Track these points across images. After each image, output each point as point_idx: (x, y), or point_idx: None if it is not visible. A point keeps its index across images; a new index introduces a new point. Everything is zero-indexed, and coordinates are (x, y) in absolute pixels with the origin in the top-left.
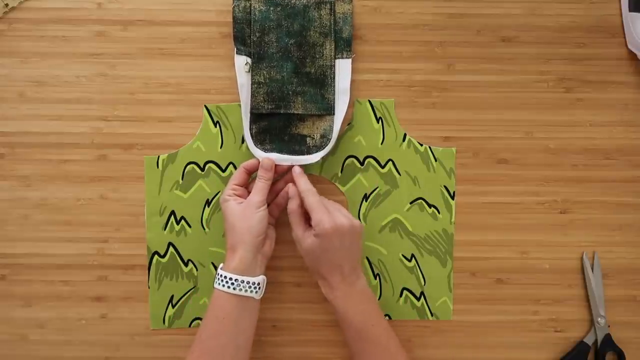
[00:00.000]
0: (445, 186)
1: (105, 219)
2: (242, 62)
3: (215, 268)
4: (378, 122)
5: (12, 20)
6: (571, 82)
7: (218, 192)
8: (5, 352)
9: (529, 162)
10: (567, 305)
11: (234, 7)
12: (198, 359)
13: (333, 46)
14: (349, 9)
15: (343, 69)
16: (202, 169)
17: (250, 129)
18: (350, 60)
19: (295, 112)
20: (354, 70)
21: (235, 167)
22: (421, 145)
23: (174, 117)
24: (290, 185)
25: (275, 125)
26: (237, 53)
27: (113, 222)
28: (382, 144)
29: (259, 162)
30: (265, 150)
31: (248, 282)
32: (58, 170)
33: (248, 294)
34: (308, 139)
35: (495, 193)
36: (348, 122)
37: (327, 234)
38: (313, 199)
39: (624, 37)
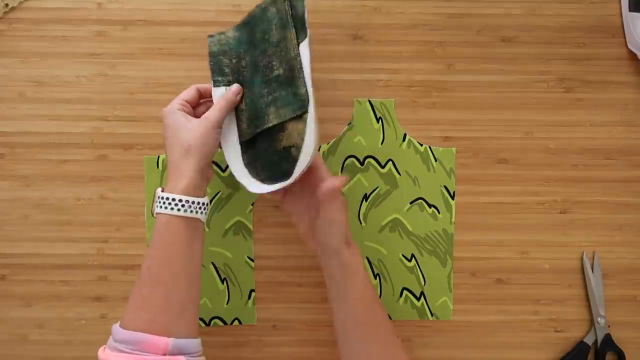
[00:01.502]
0: (445, 186)
1: (105, 219)
2: (219, 94)
3: (216, 268)
4: (378, 122)
5: (12, 20)
6: (571, 82)
7: (218, 192)
8: (5, 352)
9: (529, 162)
10: (567, 305)
11: (210, 43)
12: (151, 294)
13: (294, 32)
14: None
15: (304, 53)
16: None
17: (243, 160)
18: (307, 39)
19: (270, 124)
20: (353, 70)
21: None
22: (421, 145)
23: None
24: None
25: (262, 147)
26: (214, 85)
27: (113, 222)
28: (382, 144)
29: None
30: (262, 181)
31: (197, 203)
32: (58, 170)
33: (197, 215)
34: (292, 149)
35: (495, 193)
36: (348, 122)
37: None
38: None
39: (624, 37)
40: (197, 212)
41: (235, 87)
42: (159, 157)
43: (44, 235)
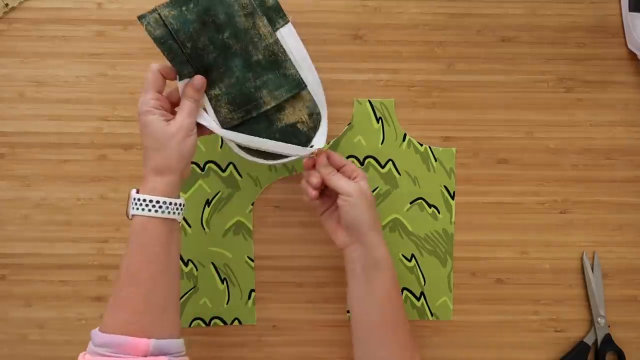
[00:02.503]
0: (445, 186)
1: (105, 219)
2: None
3: (216, 268)
4: (378, 122)
5: (12, 20)
6: (571, 82)
7: (218, 192)
8: (5, 352)
9: (529, 162)
10: (567, 305)
11: (145, 26)
12: (129, 295)
13: (266, 21)
14: None
15: (288, 37)
16: (202, 169)
17: (239, 145)
18: (290, 24)
19: (268, 107)
20: (353, 70)
21: (235, 168)
22: (421, 145)
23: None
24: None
25: (258, 129)
26: (179, 79)
27: (113, 222)
28: (382, 144)
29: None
30: (266, 159)
31: (175, 204)
32: (58, 170)
33: (174, 216)
34: (299, 124)
35: (495, 193)
36: (348, 122)
37: (362, 193)
38: (337, 176)
39: (624, 37)
40: (173, 212)
41: (198, 80)
42: None
43: (44, 235)
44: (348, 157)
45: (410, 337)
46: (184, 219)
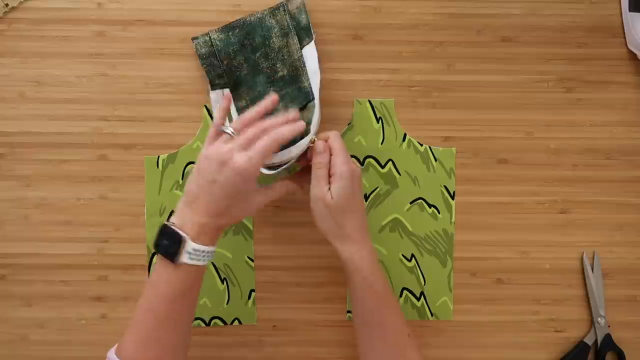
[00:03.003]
0: (445, 186)
1: (105, 219)
2: (217, 97)
3: (216, 268)
4: (378, 122)
5: (12, 20)
6: (571, 82)
7: None
8: (5, 352)
9: (529, 162)
10: (567, 305)
11: (195, 45)
12: (166, 335)
13: (296, 39)
14: (300, 1)
15: (309, 53)
16: None
17: None
18: (312, 43)
19: None
20: (353, 70)
21: None
22: (421, 145)
23: (174, 117)
24: (319, 142)
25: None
26: (211, 89)
27: (113, 222)
28: (382, 144)
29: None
30: (267, 168)
31: (211, 252)
32: (58, 170)
33: (207, 262)
34: (297, 137)
35: (495, 193)
36: (348, 122)
37: (354, 175)
38: (341, 142)
39: (624, 37)
40: (209, 259)
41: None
42: (159, 157)
43: (44, 235)
44: None
45: (401, 335)
46: None
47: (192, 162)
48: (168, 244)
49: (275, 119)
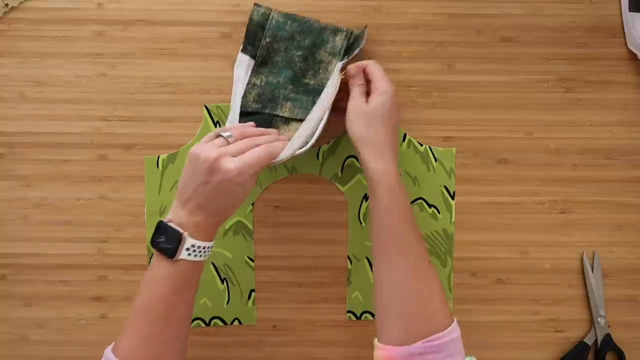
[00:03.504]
0: (445, 186)
1: (105, 219)
2: (244, 61)
3: (216, 268)
4: None
5: (12, 20)
6: (571, 82)
7: None
8: (5, 352)
9: (529, 162)
10: (567, 305)
11: (253, 10)
12: (161, 331)
13: (339, 62)
14: (362, 34)
15: (334, 72)
16: None
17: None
18: (342, 62)
19: (281, 114)
20: None
21: None
22: (421, 145)
23: (174, 117)
24: (350, 66)
25: (259, 125)
26: (242, 51)
27: (113, 222)
28: None
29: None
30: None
31: (209, 248)
32: (58, 170)
33: (205, 258)
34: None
35: (495, 193)
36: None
37: (393, 92)
38: (378, 65)
39: (624, 37)
40: (207, 255)
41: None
42: (159, 157)
43: (44, 235)
44: (348, 157)
45: (421, 260)
46: None
47: None
48: (166, 240)
49: (270, 136)
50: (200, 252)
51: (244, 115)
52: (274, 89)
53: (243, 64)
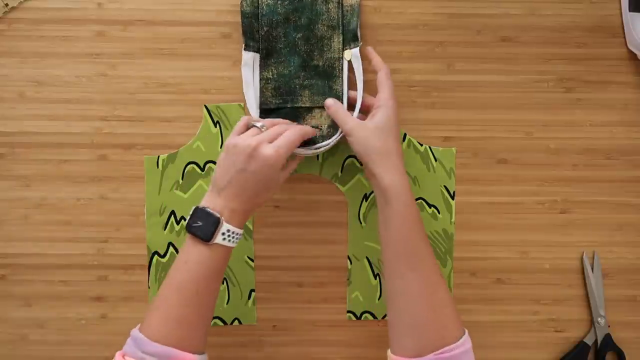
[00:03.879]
0: (445, 186)
1: (105, 219)
2: (249, 58)
3: None
4: None
5: (12, 20)
6: (571, 82)
7: None
8: (5, 352)
9: (529, 162)
10: (567, 305)
11: (242, 1)
12: (192, 313)
13: (341, 39)
14: (356, 1)
15: (355, 60)
16: (202, 169)
17: None
18: (358, 48)
19: (303, 105)
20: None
21: None
22: (421, 145)
23: (174, 117)
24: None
25: (284, 119)
26: (245, 49)
27: (113, 222)
28: None
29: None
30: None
31: (240, 234)
32: (58, 170)
33: (236, 245)
34: (316, 130)
35: (495, 193)
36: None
37: (394, 101)
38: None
39: (624, 37)
40: (238, 241)
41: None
42: (159, 157)
43: (44, 235)
44: (348, 157)
45: (433, 273)
46: (184, 218)
47: (192, 162)
48: (203, 224)
49: (298, 125)
50: (233, 237)
51: (267, 112)
52: (288, 80)
53: (249, 62)
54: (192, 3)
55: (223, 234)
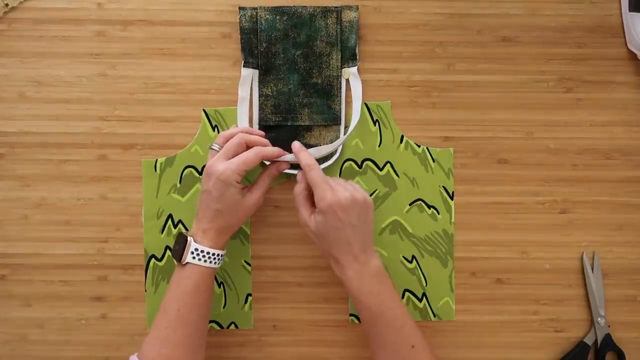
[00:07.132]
0: (443, 186)
1: (105, 219)
2: (248, 75)
3: None
4: (375, 125)
5: (12, 20)
6: (571, 82)
7: None
8: (5, 352)
9: (529, 162)
10: (567, 305)
11: (240, 16)
12: (175, 332)
13: (339, 56)
14: (355, 17)
15: (353, 79)
16: (200, 173)
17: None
18: (356, 69)
19: (302, 123)
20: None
21: None
22: (419, 146)
23: (174, 117)
24: (299, 171)
25: (283, 136)
26: (244, 66)
27: (113, 222)
28: (379, 146)
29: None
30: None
31: (222, 256)
32: (58, 170)
33: (219, 265)
34: (313, 149)
35: (495, 193)
36: (345, 126)
37: (330, 209)
38: (315, 173)
39: (624, 37)
40: (220, 262)
41: (285, 166)
42: (156, 160)
43: (44, 235)
44: (346, 160)
45: (402, 349)
46: (182, 222)
47: (190, 166)
48: (179, 247)
49: (260, 138)
50: (207, 256)
51: (266, 129)
52: (287, 97)
53: (247, 79)
54: (192, 3)
55: (192, 252)
